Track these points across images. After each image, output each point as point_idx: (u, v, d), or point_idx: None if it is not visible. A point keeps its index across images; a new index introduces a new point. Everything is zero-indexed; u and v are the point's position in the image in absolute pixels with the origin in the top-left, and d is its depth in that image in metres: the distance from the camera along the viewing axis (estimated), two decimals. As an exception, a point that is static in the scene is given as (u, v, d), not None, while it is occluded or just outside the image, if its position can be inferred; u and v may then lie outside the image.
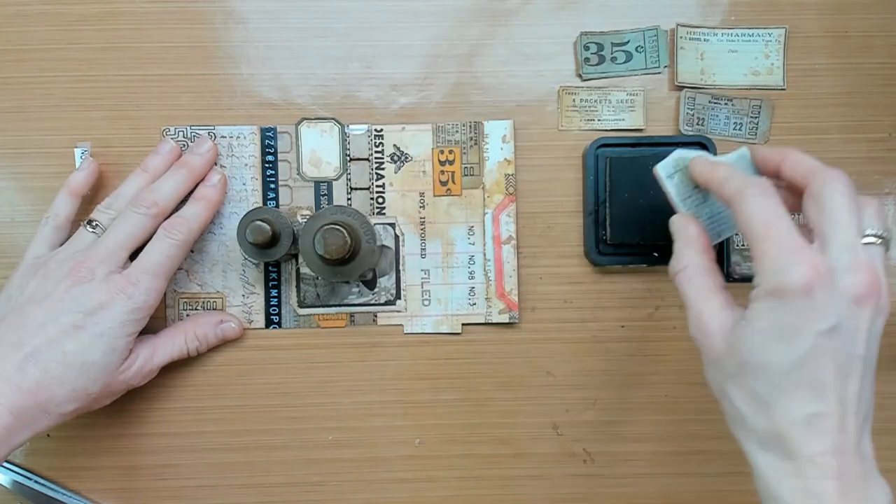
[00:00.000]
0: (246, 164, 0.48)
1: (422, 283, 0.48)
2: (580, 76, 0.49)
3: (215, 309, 0.48)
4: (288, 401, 0.49)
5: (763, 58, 0.49)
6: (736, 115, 0.49)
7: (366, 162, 0.48)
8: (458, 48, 0.49)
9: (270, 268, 0.48)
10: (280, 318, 0.48)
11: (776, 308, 0.33)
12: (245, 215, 0.45)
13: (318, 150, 0.48)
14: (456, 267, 0.48)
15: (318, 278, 0.47)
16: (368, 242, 0.44)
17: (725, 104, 0.48)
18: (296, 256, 0.48)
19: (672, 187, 0.41)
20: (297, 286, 0.48)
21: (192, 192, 0.46)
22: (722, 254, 0.48)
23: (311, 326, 0.48)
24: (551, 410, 0.49)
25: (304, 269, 0.48)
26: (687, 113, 0.48)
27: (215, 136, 0.48)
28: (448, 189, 0.48)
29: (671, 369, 0.49)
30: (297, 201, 0.48)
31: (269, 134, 0.48)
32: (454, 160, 0.48)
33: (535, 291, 0.49)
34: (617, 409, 0.49)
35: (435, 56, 0.49)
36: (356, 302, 0.48)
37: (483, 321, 0.48)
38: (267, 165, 0.48)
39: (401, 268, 0.48)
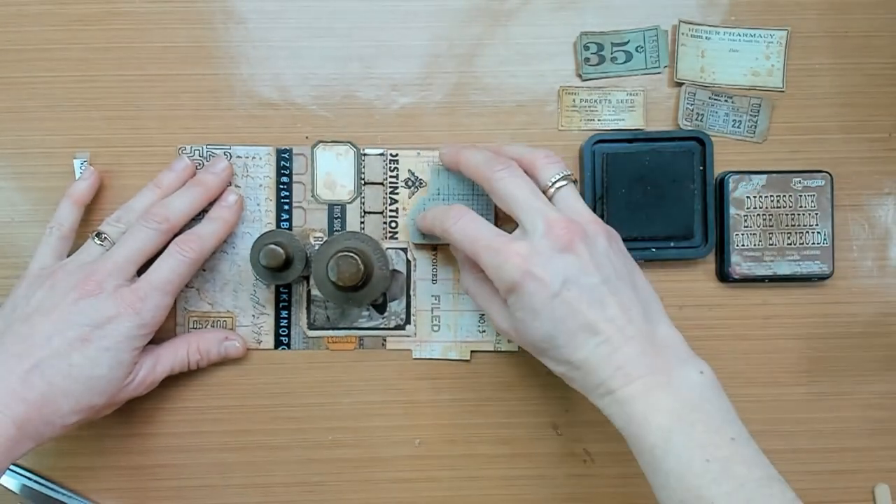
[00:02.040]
0: (261, 185, 0.48)
1: (432, 309, 0.48)
2: (580, 76, 0.49)
3: (225, 328, 0.48)
4: (288, 401, 0.49)
5: (764, 59, 0.49)
6: (735, 112, 0.49)
7: (380, 186, 0.48)
8: (458, 48, 0.49)
9: (281, 289, 0.48)
10: (289, 340, 0.48)
11: (518, 298, 0.38)
12: (258, 238, 0.45)
13: (332, 173, 0.48)
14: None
15: (328, 301, 0.47)
16: (381, 269, 0.44)
17: (725, 101, 0.48)
18: (307, 278, 0.48)
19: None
20: (308, 308, 0.48)
21: (203, 210, 0.46)
22: (722, 254, 0.48)
23: (320, 348, 0.48)
24: (551, 410, 0.49)
25: (315, 291, 0.47)
26: (686, 108, 0.48)
27: (231, 156, 0.48)
28: None
29: (671, 369, 0.49)
30: (310, 223, 0.48)
31: (285, 155, 0.48)
32: None
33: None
34: (617, 409, 0.49)
35: (435, 56, 0.49)
36: (366, 325, 0.48)
37: (492, 349, 0.48)
38: (282, 187, 0.48)
39: (412, 293, 0.48)
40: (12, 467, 0.48)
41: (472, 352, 0.48)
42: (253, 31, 0.49)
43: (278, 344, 0.48)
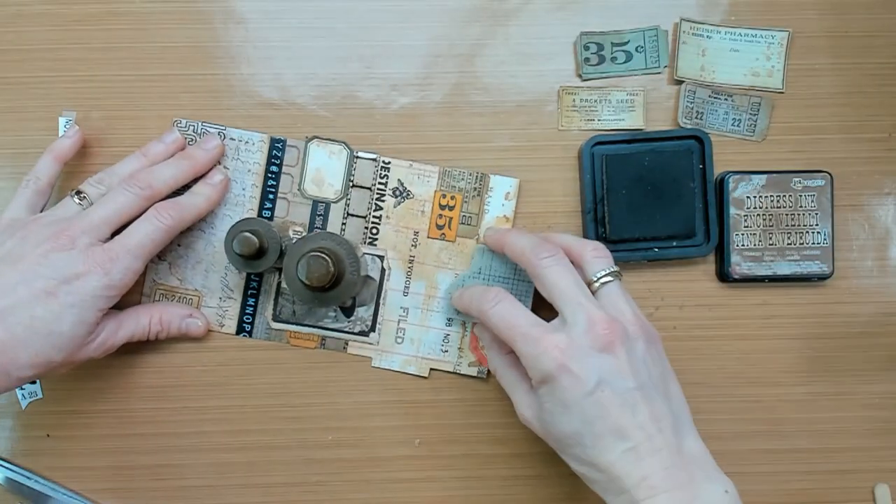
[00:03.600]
0: (249, 170, 0.48)
1: (398, 321, 0.48)
2: (580, 76, 0.49)
3: (190, 306, 0.48)
4: (288, 401, 0.49)
5: (764, 59, 0.49)
6: (735, 111, 0.49)
7: (367, 191, 0.48)
8: (458, 48, 0.49)
9: (252, 277, 0.48)
10: (252, 328, 0.48)
11: (550, 390, 0.38)
12: (235, 224, 0.45)
13: (322, 170, 0.48)
14: (436, 311, 0.48)
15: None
16: (352, 274, 0.44)
17: (725, 100, 0.48)
18: (280, 270, 0.48)
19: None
20: (276, 299, 0.48)
21: (187, 186, 0.46)
22: (722, 254, 0.48)
23: (281, 341, 0.48)
24: (551, 410, 0.49)
25: (286, 285, 0.47)
26: (686, 106, 0.48)
27: (224, 136, 0.48)
28: (443, 233, 0.48)
29: (670, 369, 0.48)
30: (292, 216, 0.48)
31: (278, 145, 0.48)
32: (455, 206, 0.48)
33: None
34: (617, 409, 0.49)
35: (435, 56, 0.49)
36: (330, 326, 0.48)
37: (451, 370, 0.48)
38: (270, 175, 0.48)
39: (381, 301, 0.48)
40: (4, 463, 0.48)
41: (431, 370, 0.48)
42: (253, 31, 0.49)
43: (240, 330, 0.48)
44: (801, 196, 0.48)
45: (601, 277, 0.40)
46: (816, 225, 0.48)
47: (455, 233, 0.48)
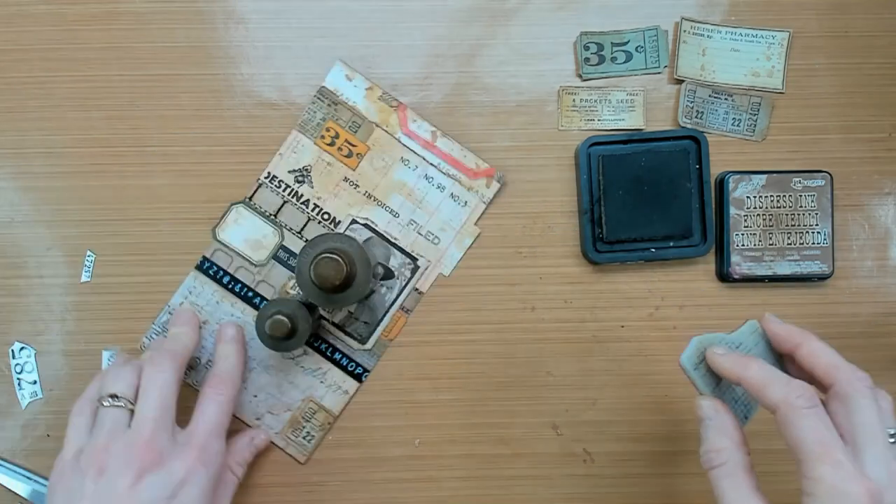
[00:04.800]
0: (217, 301, 0.48)
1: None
2: (580, 76, 0.49)
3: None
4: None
5: (764, 59, 0.49)
6: (735, 110, 0.49)
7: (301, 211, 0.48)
8: (458, 48, 0.49)
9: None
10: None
11: None
12: (265, 306, 0.44)
13: (249, 235, 0.48)
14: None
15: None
16: (364, 274, 0.43)
17: (725, 99, 0.48)
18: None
19: (699, 378, 0.39)
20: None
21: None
22: (722, 254, 0.48)
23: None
24: (551, 410, 0.49)
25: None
26: (686, 105, 0.48)
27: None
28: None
29: (671, 369, 0.49)
30: (271, 280, 0.48)
31: (208, 268, 0.48)
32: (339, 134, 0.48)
33: (534, 291, 0.49)
34: (617, 410, 0.49)
35: (435, 56, 0.49)
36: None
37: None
38: (230, 287, 0.48)
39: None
40: (5, 463, 0.48)
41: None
42: (253, 31, 0.49)
43: None
44: (801, 196, 0.48)
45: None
46: (816, 225, 0.48)
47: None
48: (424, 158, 0.48)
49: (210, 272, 0.48)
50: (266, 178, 0.48)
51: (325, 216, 0.48)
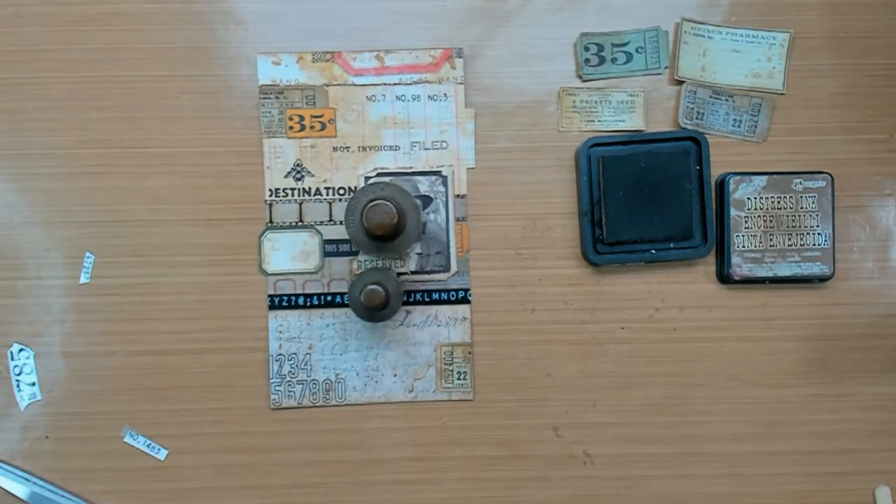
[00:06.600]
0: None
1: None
2: (580, 77, 0.49)
3: None
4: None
5: (765, 60, 0.49)
6: (735, 111, 0.48)
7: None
8: (458, 48, 0.49)
9: None
10: None
11: None
12: (359, 275, 0.44)
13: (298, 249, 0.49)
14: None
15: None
16: (413, 223, 0.42)
17: (726, 100, 0.48)
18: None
19: None
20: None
21: None
22: (722, 255, 0.48)
23: None
24: (551, 412, 0.49)
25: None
26: (687, 106, 0.48)
27: None
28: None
29: (671, 371, 0.49)
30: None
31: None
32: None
33: (535, 293, 0.49)
34: (617, 411, 0.49)
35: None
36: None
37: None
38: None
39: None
40: (22, 474, 0.48)
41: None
42: (253, 31, 0.49)
43: None
44: (801, 197, 0.48)
45: None
46: (817, 226, 0.48)
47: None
48: (385, 83, 0.48)
49: (283, 304, 0.48)
50: (270, 195, 0.48)
51: (341, 191, 0.48)
